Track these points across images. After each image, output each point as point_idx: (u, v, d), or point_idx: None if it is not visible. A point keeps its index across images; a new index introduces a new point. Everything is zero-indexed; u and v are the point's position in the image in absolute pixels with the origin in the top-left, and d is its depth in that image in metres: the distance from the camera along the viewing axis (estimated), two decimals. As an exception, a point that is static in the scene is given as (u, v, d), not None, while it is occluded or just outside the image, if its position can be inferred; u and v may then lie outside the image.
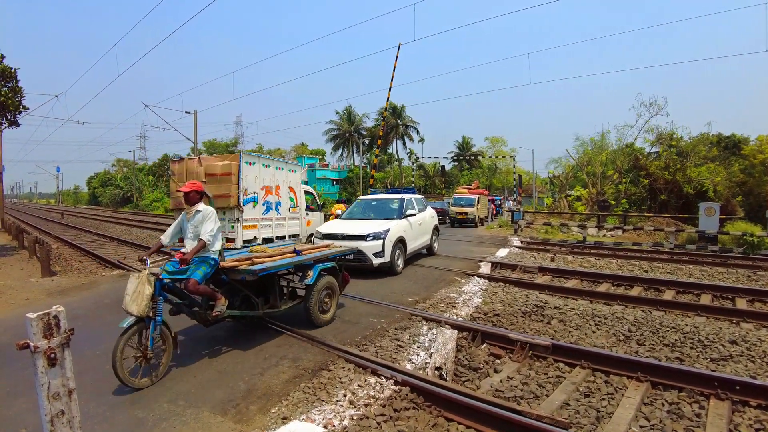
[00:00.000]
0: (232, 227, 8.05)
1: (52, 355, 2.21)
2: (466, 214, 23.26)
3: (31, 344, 2.16)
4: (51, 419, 2.21)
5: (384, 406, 3.68)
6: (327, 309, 5.75)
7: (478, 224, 23.92)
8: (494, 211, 30.66)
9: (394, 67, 24.23)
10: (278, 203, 9.32)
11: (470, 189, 27.99)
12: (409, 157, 49.68)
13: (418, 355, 4.83)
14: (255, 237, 8.51)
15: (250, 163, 8.35)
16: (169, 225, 4.94)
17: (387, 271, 8.83)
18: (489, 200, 30.00)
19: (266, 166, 8.97)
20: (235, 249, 7.07)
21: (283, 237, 9.42)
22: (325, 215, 13.04)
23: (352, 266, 8.31)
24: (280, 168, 9.55)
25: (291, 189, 10.05)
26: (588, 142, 28.51)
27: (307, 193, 11.49)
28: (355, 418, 3.46)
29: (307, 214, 11.13)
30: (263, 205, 8.74)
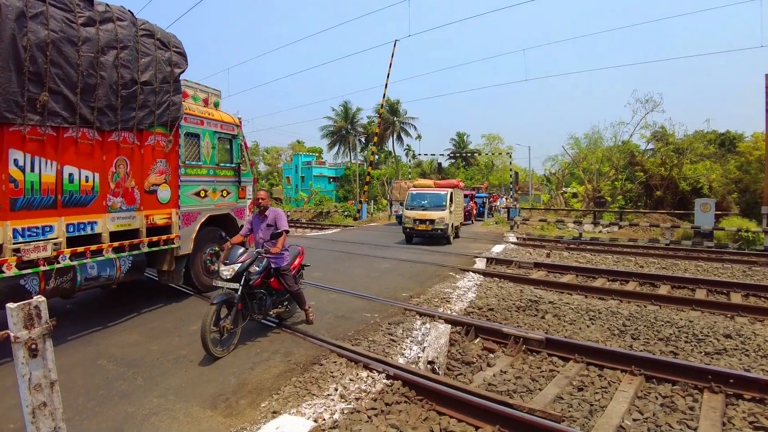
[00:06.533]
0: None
1: (33, 346, 2.16)
2: (432, 222, 13.67)
3: (12, 335, 2.12)
4: (32, 411, 2.17)
5: (375, 400, 3.66)
6: None
7: (452, 238, 14.44)
8: (474, 212, 24.26)
9: (390, 64, 24.26)
10: None
11: (437, 182, 17.78)
12: (406, 154, 49.59)
13: (410, 349, 4.80)
14: None
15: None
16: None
17: None
18: (465, 195, 21.92)
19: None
20: None
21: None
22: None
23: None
24: None
25: None
26: (582, 139, 28.48)
27: None
28: (345, 411, 3.43)
29: None
30: None
